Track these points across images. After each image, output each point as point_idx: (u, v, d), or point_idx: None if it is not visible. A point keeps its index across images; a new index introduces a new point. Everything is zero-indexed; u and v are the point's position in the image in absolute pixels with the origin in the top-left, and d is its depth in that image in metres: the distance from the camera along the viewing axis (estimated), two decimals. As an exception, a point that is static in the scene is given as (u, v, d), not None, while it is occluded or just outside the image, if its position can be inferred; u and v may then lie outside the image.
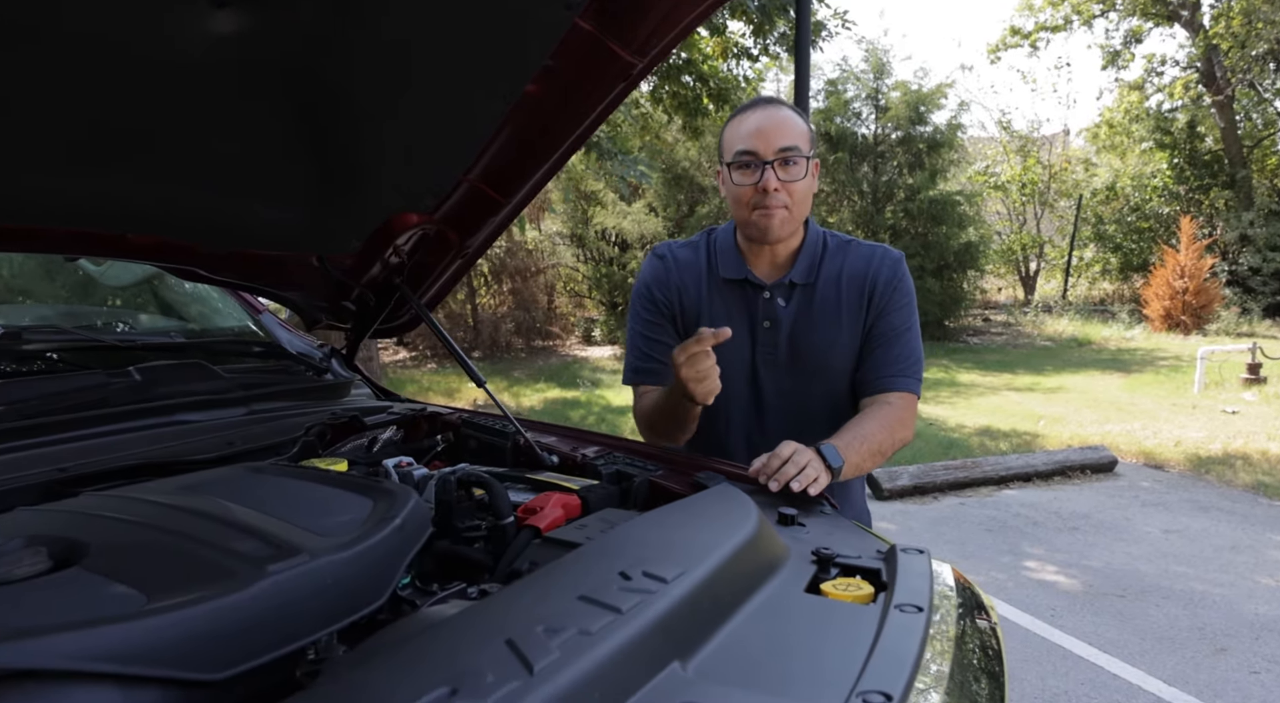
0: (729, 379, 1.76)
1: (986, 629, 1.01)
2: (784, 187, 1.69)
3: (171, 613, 0.76)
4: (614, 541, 1.01)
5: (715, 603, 0.91)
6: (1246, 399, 8.98)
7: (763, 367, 1.81)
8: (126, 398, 1.32)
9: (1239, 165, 18.55)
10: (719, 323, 1.72)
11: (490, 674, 0.68)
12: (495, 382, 11.35)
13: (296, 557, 0.87)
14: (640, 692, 0.74)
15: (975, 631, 0.98)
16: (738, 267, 1.82)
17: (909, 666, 0.78)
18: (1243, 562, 4.50)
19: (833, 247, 1.83)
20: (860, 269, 1.80)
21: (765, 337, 1.80)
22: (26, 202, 1.15)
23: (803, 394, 1.82)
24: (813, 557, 1.13)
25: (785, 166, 1.68)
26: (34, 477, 1.10)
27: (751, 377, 1.82)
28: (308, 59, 1.25)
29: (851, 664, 0.81)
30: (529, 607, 0.81)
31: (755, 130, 1.69)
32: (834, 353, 1.78)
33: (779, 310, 1.80)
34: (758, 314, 1.80)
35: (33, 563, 0.82)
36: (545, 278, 15.56)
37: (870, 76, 15.44)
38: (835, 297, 1.79)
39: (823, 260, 1.81)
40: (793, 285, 1.79)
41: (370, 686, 0.68)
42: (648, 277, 1.89)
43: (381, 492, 1.10)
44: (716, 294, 1.83)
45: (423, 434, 1.79)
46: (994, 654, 0.95)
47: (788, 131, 1.69)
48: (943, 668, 0.84)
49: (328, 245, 1.63)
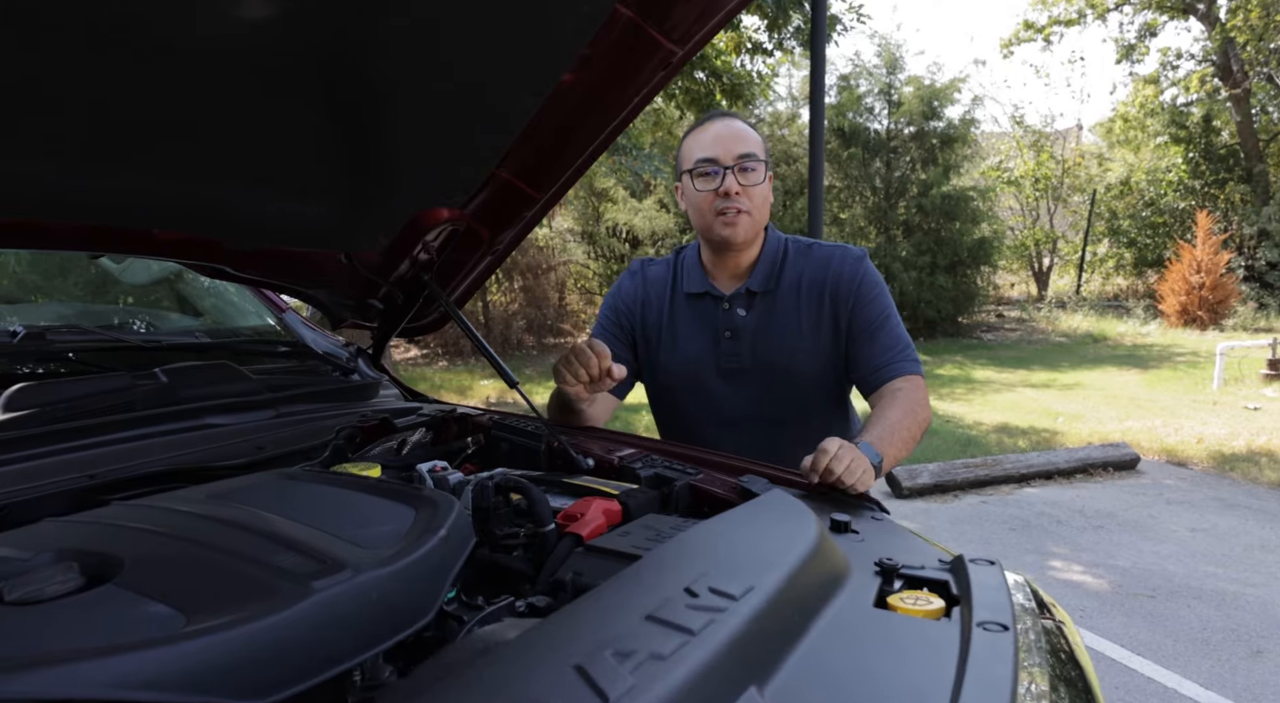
0: (697, 391, 1.86)
1: (1069, 647, 0.95)
2: (744, 191, 1.74)
3: (212, 635, 0.71)
4: (672, 553, 0.95)
5: (786, 622, 0.85)
6: (1268, 395, 8.87)
7: (727, 377, 1.84)
8: (153, 401, 1.27)
9: (1255, 159, 18.37)
10: (682, 336, 1.86)
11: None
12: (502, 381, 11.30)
13: (341, 572, 0.82)
14: (721, 720, 0.68)
15: (1060, 649, 0.92)
16: (700, 281, 1.87)
17: (1006, 693, 0.72)
18: (1273, 561, 4.42)
19: (793, 253, 1.85)
20: (819, 273, 1.81)
21: (727, 346, 1.83)
22: (52, 196, 1.10)
23: (770, 402, 1.84)
24: (875, 568, 1.07)
25: (744, 172, 1.74)
26: (63, 484, 1.05)
27: (717, 388, 1.85)
28: (342, 49, 1.20)
29: (939, 690, 0.75)
30: (593, 627, 0.76)
31: (714, 139, 1.75)
32: (797, 359, 1.80)
33: (739, 320, 1.83)
34: (719, 325, 1.84)
35: (64, 580, 0.77)
36: (556, 275, 15.52)
37: (883, 71, 15.35)
38: (795, 302, 1.81)
39: (783, 267, 1.83)
40: (751, 294, 1.82)
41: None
42: (616, 289, 1.97)
43: (423, 500, 1.05)
44: (679, 309, 1.88)
45: (452, 436, 1.73)
46: (1080, 674, 0.89)
47: (745, 140, 1.75)
48: (1035, 691, 0.78)
49: (356, 242, 1.58)
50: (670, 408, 1.97)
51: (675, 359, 1.87)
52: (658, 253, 14.61)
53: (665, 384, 1.92)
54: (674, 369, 1.88)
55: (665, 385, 1.92)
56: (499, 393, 10.09)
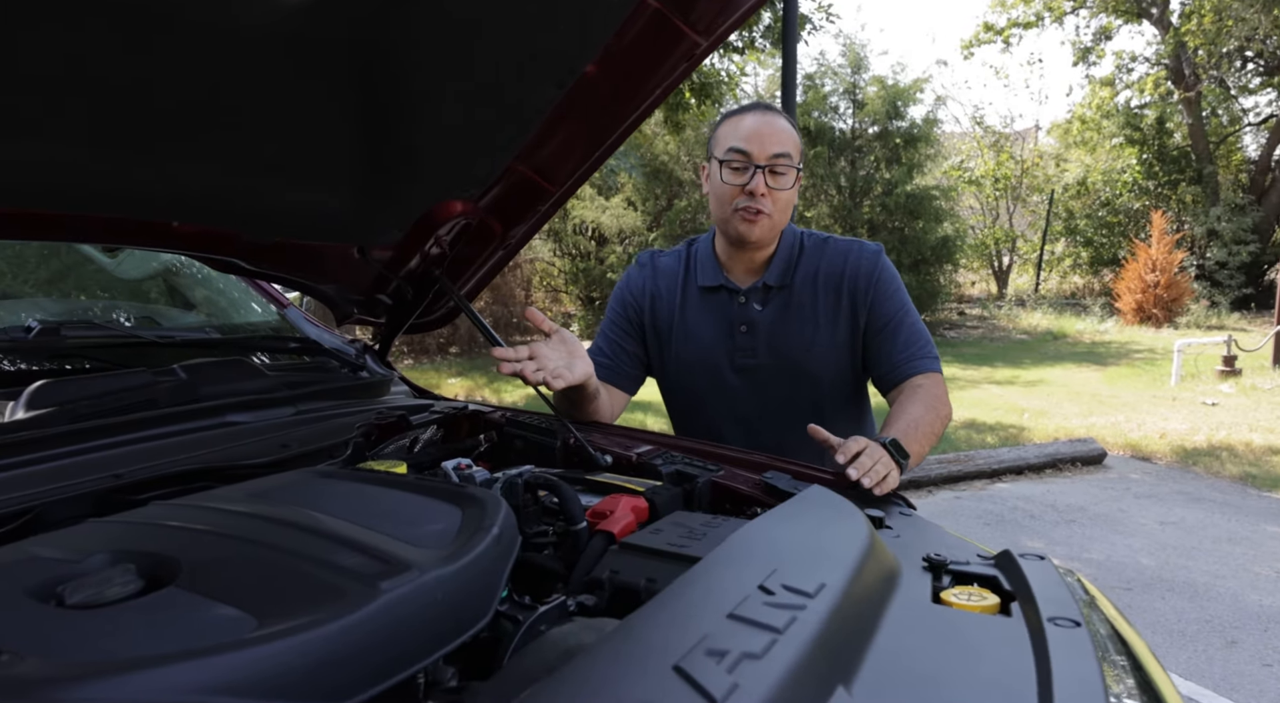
0: (711, 386, 1.83)
1: (1132, 640, 0.95)
2: (770, 194, 1.70)
3: (291, 638, 0.68)
4: (736, 552, 0.94)
5: (859, 619, 0.84)
6: (1224, 391, 9.10)
7: (741, 372, 1.81)
8: (174, 398, 1.22)
9: (1205, 161, 18.84)
10: (696, 329, 1.83)
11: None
12: (475, 378, 11.23)
13: (407, 572, 0.79)
14: (818, 722, 0.67)
15: (1125, 642, 0.93)
16: (714, 274, 1.83)
17: (1098, 690, 0.72)
18: (1241, 553, 4.53)
19: (809, 247, 1.83)
20: (837, 268, 1.79)
21: (742, 340, 1.80)
22: (73, 186, 1.06)
23: (785, 398, 1.81)
24: (923, 564, 1.07)
25: (774, 175, 1.70)
26: (90, 484, 1.01)
27: (732, 382, 1.82)
28: (370, 37, 1.17)
29: (1025, 688, 0.75)
30: (678, 627, 0.74)
31: (752, 132, 1.70)
32: (813, 354, 1.77)
33: (754, 314, 1.80)
34: (734, 319, 1.81)
35: (123, 583, 0.74)
36: (522, 273, 15.42)
37: (848, 71, 15.46)
38: (812, 297, 1.78)
39: (799, 262, 1.81)
40: (768, 288, 1.79)
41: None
42: (624, 282, 1.93)
43: (468, 498, 1.03)
44: (692, 302, 1.85)
45: (464, 434, 1.70)
46: (1145, 669, 0.89)
47: (783, 139, 1.70)
48: (1120, 688, 0.78)
49: (370, 236, 1.54)
50: (683, 403, 1.94)
51: (688, 352, 1.84)
52: (625, 251, 14.59)
53: (677, 378, 1.89)
54: (687, 362, 1.85)
55: (677, 379, 1.89)
56: (467, 391, 10.02)
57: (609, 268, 14.44)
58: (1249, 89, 19.76)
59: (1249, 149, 20.62)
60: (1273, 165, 19.07)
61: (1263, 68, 18.92)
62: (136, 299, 1.86)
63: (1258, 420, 7.56)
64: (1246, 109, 20.32)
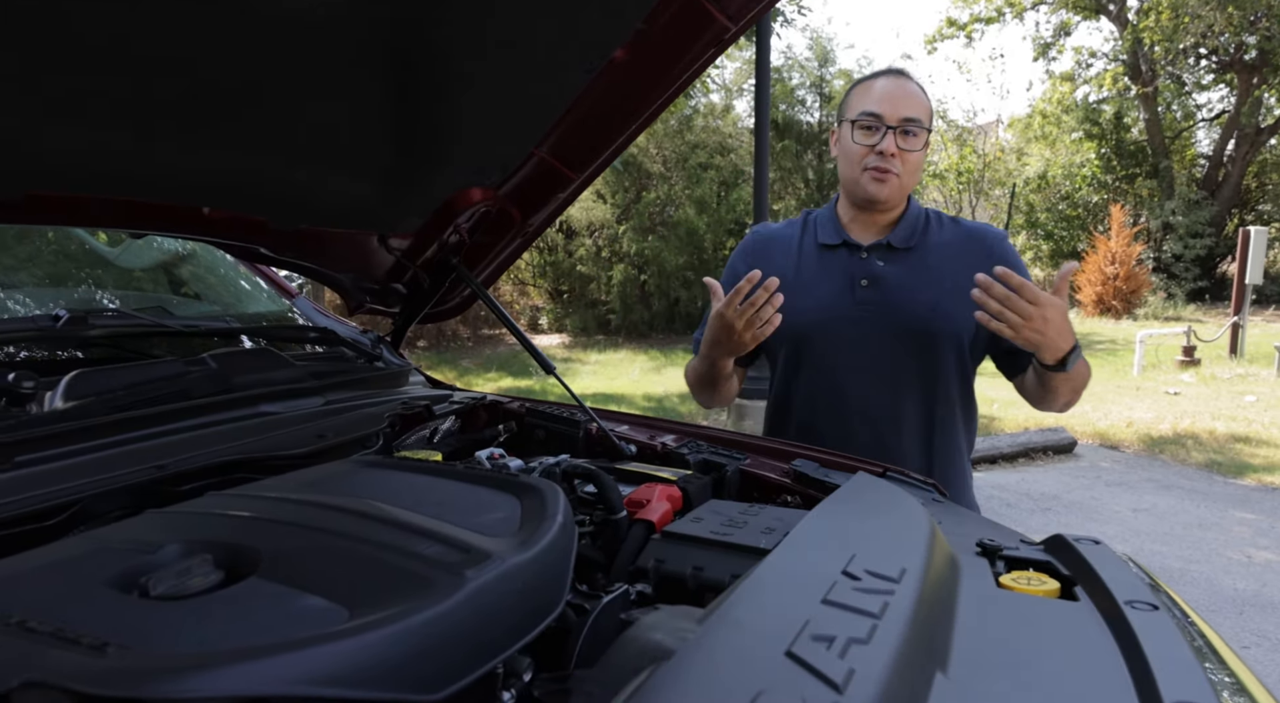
0: (827, 338, 1.77)
1: (1194, 618, 0.96)
2: (900, 155, 1.70)
3: (385, 628, 0.66)
4: (808, 539, 0.93)
5: (941, 603, 0.84)
6: (1185, 381, 9.31)
7: (859, 324, 1.74)
8: (207, 388, 1.19)
9: (1162, 155, 19.24)
10: (813, 284, 1.76)
11: (800, 694, 0.60)
12: (444, 372, 11.14)
13: (489, 561, 0.78)
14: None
15: (1189, 620, 0.94)
16: (836, 232, 1.80)
17: (1198, 671, 0.72)
18: (1212, 539, 4.64)
19: (936, 220, 1.82)
20: (970, 242, 1.77)
21: (863, 294, 1.74)
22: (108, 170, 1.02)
23: (901, 356, 1.74)
24: (977, 549, 1.07)
25: (905, 136, 1.69)
26: (133, 475, 0.97)
27: (849, 333, 1.75)
28: (404, 18, 1.14)
29: (1117, 671, 0.75)
30: (778, 614, 0.73)
31: (885, 95, 1.70)
32: (937, 315, 1.71)
33: (878, 269, 1.75)
34: (856, 273, 1.76)
35: (204, 574, 0.71)
36: (491, 265, 15.28)
37: (815, 65, 15.54)
38: (940, 262, 1.74)
39: (926, 229, 1.79)
40: (891, 248, 1.76)
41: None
42: (736, 252, 1.91)
43: (523, 487, 1.01)
44: (808, 259, 1.81)
45: (483, 424, 1.68)
46: (1216, 649, 0.90)
47: (914, 103, 1.70)
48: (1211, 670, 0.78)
49: (391, 224, 1.51)
50: (794, 355, 1.82)
51: (805, 303, 1.74)
52: (594, 243, 14.55)
53: (792, 328, 1.72)
54: (803, 312, 1.74)
55: (793, 329, 1.73)
56: (439, 384, 9.91)
57: (578, 261, 14.38)
58: (1203, 85, 20.20)
59: (1202, 144, 21.13)
60: (1225, 161, 19.54)
61: (1216, 65, 19.34)
62: (137, 288, 1.81)
63: (1219, 409, 7.75)
64: (1200, 105, 20.81)
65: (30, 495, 0.90)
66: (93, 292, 1.69)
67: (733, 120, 15.66)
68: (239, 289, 1.92)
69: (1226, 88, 19.72)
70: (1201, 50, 18.60)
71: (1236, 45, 17.81)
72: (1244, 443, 6.61)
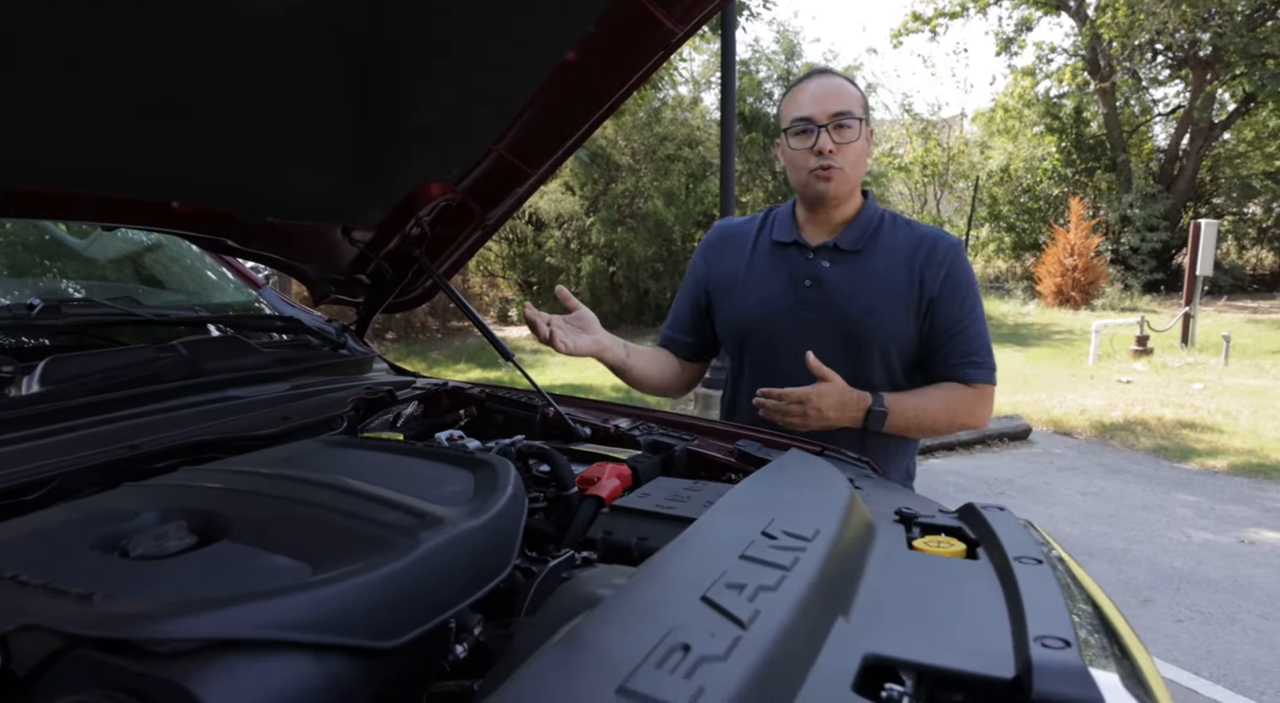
0: (770, 334, 1.86)
1: (1078, 573, 1.06)
2: (838, 149, 1.75)
3: (347, 581, 0.74)
4: (736, 504, 1.02)
5: (850, 560, 0.93)
6: (1138, 369, 9.56)
7: (800, 324, 1.81)
8: (178, 373, 1.25)
9: (1119, 149, 19.64)
10: (762, 279, 1.87)
11: (708, 630, 0.69)
12: (413, 363, 11.13)
13: (441, 526, 0.86)
14: (827, 644, 0.76)
15: (1073, 574, 1.04)
16: (789, 231, 1.88)
17: (1064, 611, 0.82)
18: (1155, 520, 4.82)
19: (889, 223, 1.86)
20: (913, 249, 1.80)
21: (805, 294, 1.81)
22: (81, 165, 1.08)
23: (839, 357, 1.78)
24: (895, 517, 1.17)
25: (839, 130, 1.75)
26: (107, 454, 1.04)
27: (789, 334, 1.82)
28: (361, 22, 1.21)
29: (999, 614, 0.85)
30: (698, 567, 0.82)
31: (811, 97, 1.77)
32: (871, 321, 1.77)
33: (822, 270, 1.81)
34: (800, 273, 1.83)
35: (179, 537, 0.79)
36: (458, 257, 15.25)
37: (781, 58, 15.66)
38: (885, 268, 1.79)
39: (877, 234, 1.83)
40: (838, 249, 1.82)
41: (603, 644, 0.68)
42: (700, 246, 2.02)
43: (477, 463, 1.09)
44: (761, 255, 1.90)
45: (444, 409, 1.75)
46: (1094, 598, 1.01)
47: (840, 97, 1.76)
48: (1077, 610, 0.89)
49: (354, 216, 1.58)
50: (738, 348, 1.93)
51: (750, 299, 1.87)
52: (563, 235, 14.58)
53: (736, 322, 1.89)
54: (747, 308, 1.86)
55: (736, 324, 1.89)
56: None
57: (547, 253, 14.41)
58: (1159, 81, 20.63)
59: (1159, 139, 21.56)
60: (1181, 155, 19.97)
61: (1172, 60, 19.75)
62: (104, 278, 1.86)
63: (1168, 396, 7.99)
64: (1157, 100, 21.25)
65: (11, 472, 0.97)
66: (60, 282, 1.74)
67: (701, 113, 15.75)
68: (206, 280, 1.98)
69: (1182, 83, 20.16)
70: (1157, 46, 18.98)
71: (1191, 42, 18.20)
72: (1190, 429, 6.84)
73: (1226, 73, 18.29)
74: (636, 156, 14.69)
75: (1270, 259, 20.95)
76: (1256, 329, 12.81)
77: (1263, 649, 3.33)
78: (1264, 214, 20.82)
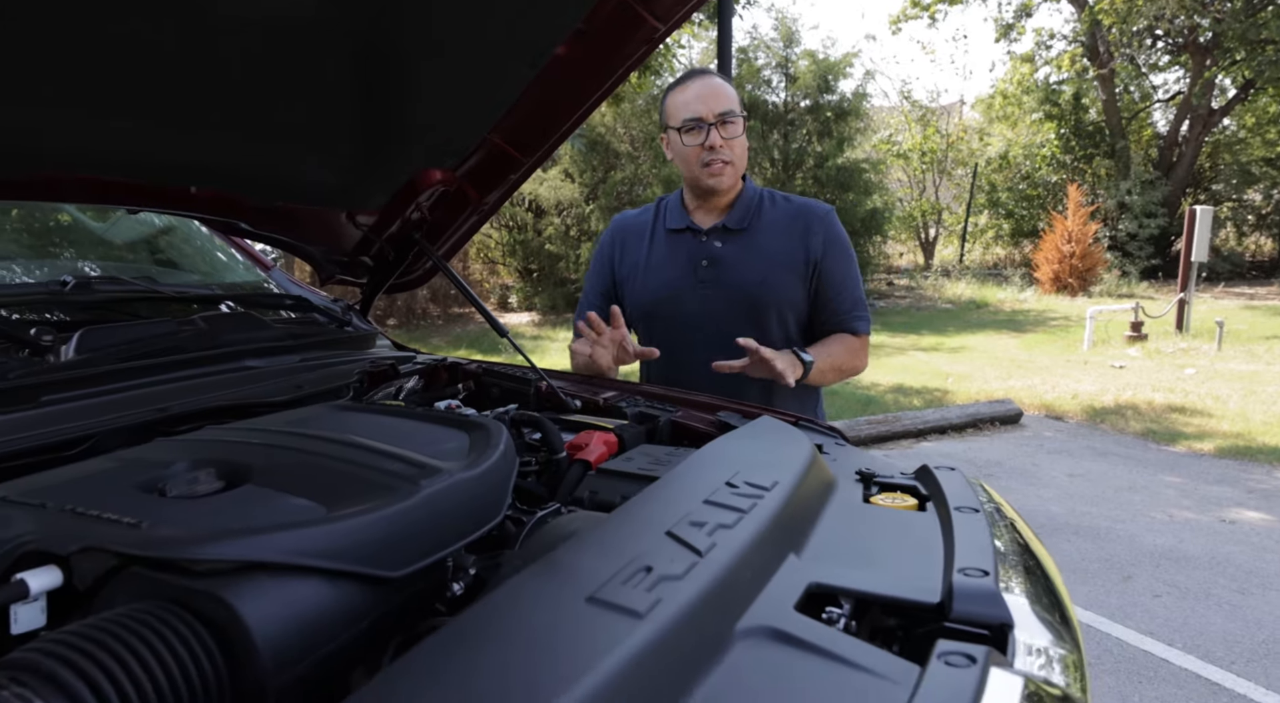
0: (675, 311, 2.07)
1: (1017, 523, 1.18)
2: (727, 144, 1.97)
3: (359, 517, 0.85)
4: (706, 459, 1.13)
5: (806, 508, 1.05)
6: (1131, 355, 9.67)
7: (702, 299, 2.04)
8: (198, 344, 1.36)
9: (1118, 136, 19.66)
10: (662, 263, 2.08)
11: (669, 557, 0.80)
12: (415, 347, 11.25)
13: (439, 475, 0.97)
14: (777, 574, 0.87)
15: (1011, 523, 1.15)
16: (681, 218, 2.09)
17: (989, 548, 0.93)
18: (1139, 500, 4.94)
19: (768, 200, 2.10)
20: (795, 219, 2.05)
21: (704, 272, 2.04)
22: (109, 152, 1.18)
23: (737, 325, 1.99)
24: (856, 476, 1.28)
25: (726, 126, 1.96)
26: (140, 415, 1.15)
27: (692, 306, 2.04)
28: (365, 19, 1.31)
29: (935, 551, 0.96)
30: (665, 509, 0.93)
31: (698, 97, 1.96)
32: (766, 289, 2.01)
33: (715, 250, 2.04)
34: (697, 255, 2.05)
35: (209, 482, 0.90)
36: (459, 244, 15.33)
37: (780, 45, 15.69)
38: (770, 242, 2.03)
39: (759, 212, 2.07)
40: (727, 230, 2.05)
41: (576, 565, 0.79)
42: (599, 244, 2.22)
43: (474, 425, 1.20)
44: (659, 243, 2.11)
45: (443, 383, 1.86)
46: (1026, 542, 1.12)
47: (724, 97, 1.96)
48: (1006, 550, 1.00)
49: (358, 201, 1.68)
50: (648, 329, 2.14)
51: (654, 282, 2.08)
52: (562, 222, 14.66)
53: (644, 306, 2.11)
54: (653, 291, 2.08)
55: (644, 307, 2.11)
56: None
57: (546, 239, 14.50)
58: (1158, 67, 20.64)
59: (1158, 125, 21.58)
60: (1180, 141, 20.01)
61: (1171, 47, 19.76)
62: (124, 261, 1.97)
63: (1160, 381, 8.10)
64: (1156, 86, 21.25)
65: (54, 429, 1.08)
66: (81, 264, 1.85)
67: (699, 100, 15.76)
68: (217, 261, 2.09)
69: (1181, 69, 20.17)
70: (1157, 32, 18.99)
71: (1190, 28, 18.21)
72: (1179, 413, 6.95)
73: (1226, 59, 18.29)
74: (635, 144, 14.75)
75: (1269, 245, 21.01)
76: (1252, 315, 12.90)
77: (1235, 622, 3.44)
78: (1263, 200, 20.84)
